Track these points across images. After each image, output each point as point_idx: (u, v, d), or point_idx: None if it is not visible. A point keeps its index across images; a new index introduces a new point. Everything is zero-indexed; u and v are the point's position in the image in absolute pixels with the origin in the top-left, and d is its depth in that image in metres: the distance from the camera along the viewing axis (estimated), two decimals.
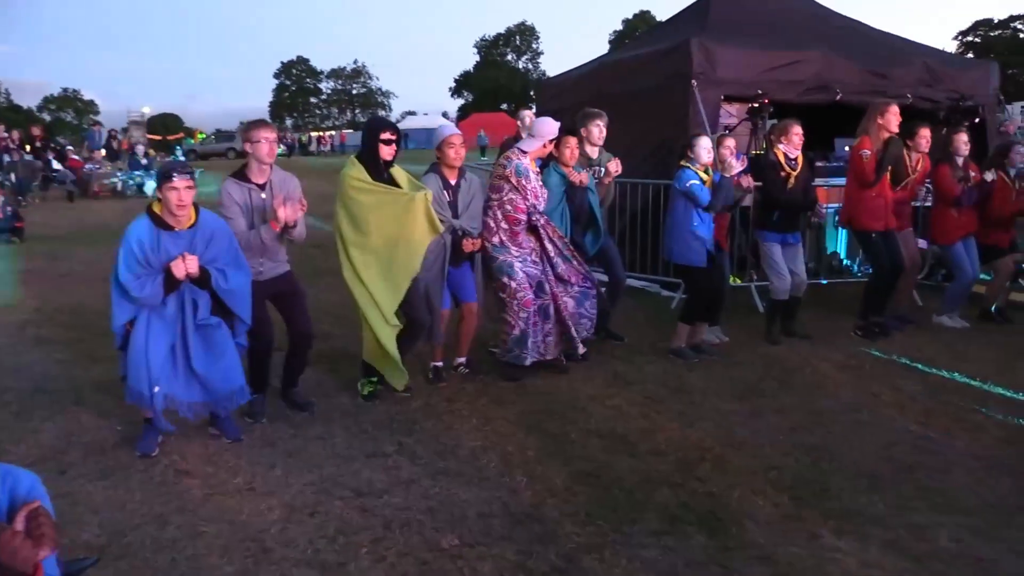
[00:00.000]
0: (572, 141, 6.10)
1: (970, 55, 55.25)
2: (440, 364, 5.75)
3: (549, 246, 5.72)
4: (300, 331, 5.09)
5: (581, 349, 5.89)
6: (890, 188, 6.60)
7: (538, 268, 5.70)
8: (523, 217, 5.61)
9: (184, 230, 4.38)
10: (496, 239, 5.63)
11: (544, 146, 5.76)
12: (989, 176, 6.89)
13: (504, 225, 5.63)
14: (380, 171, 5.14)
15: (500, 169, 5.71)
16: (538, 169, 5.83)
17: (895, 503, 3.87)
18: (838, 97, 8.74)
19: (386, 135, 5.13)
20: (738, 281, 8.20)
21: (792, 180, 6.39)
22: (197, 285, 4.39)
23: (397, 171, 5.26)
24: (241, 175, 4.90)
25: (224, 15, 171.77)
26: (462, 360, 5.87)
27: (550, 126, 5.77)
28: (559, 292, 5.75)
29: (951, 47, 64.03)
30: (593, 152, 6.45)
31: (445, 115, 75.11)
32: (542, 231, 5.69)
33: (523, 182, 5.59)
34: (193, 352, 4.44)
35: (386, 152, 5.13)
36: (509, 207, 5.60)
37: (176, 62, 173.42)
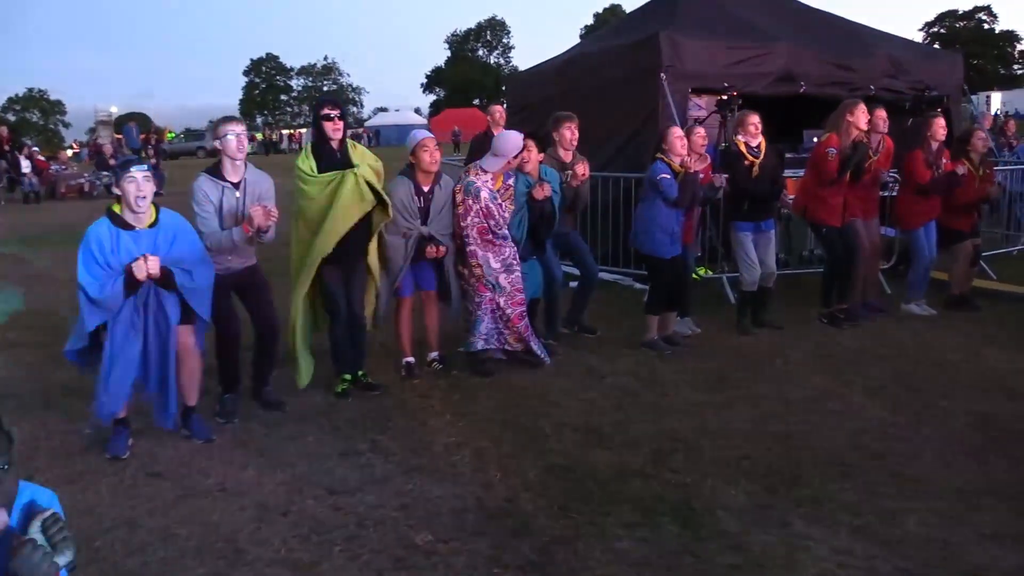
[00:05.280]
0: (528, 143, 5.89)
1: (936, 46, 55.91)
2: (412, 360, 5.74)
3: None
4: (265, 322, 5.08)
5: (546, 361, 5.86)
6: (850, 183, 6.67)
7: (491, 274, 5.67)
8: (457, 231, 5.62)
9: (145, 229, 4.34)
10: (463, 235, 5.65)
11: (508, 163, 5.63)
12: (960, 169, 6.95)
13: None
14: (331, 155, 5.06)
15: (458, 182, 5.69)
16: (509, 183, 5.73)
17: (865, 490, 3.91)
18: (802, 89, 8.82)
19: (326, 110, 5.04)
20: (710, 273, 8.24)
21: (756, 168, 6.44)
22: (160, 286, 4.34)
23: (360, 153, 5.16)
24: (216, 172, 4.85)
25: (187, 11, 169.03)
26: (435, 355, 5.85)
27: (512, 143, 5.63)
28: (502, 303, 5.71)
29: (917, 38, 64.71)
30: (566, 156, 6.40)
31: (417, 111, 74.89)
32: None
33: (469, 202, 5.56)
34: (151, 358, 4.43)
35: (330, 128, 5.02)
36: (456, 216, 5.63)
37: (135, 59, 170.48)
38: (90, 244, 4.25)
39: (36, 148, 25.28)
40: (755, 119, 6.51)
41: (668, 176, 5.94)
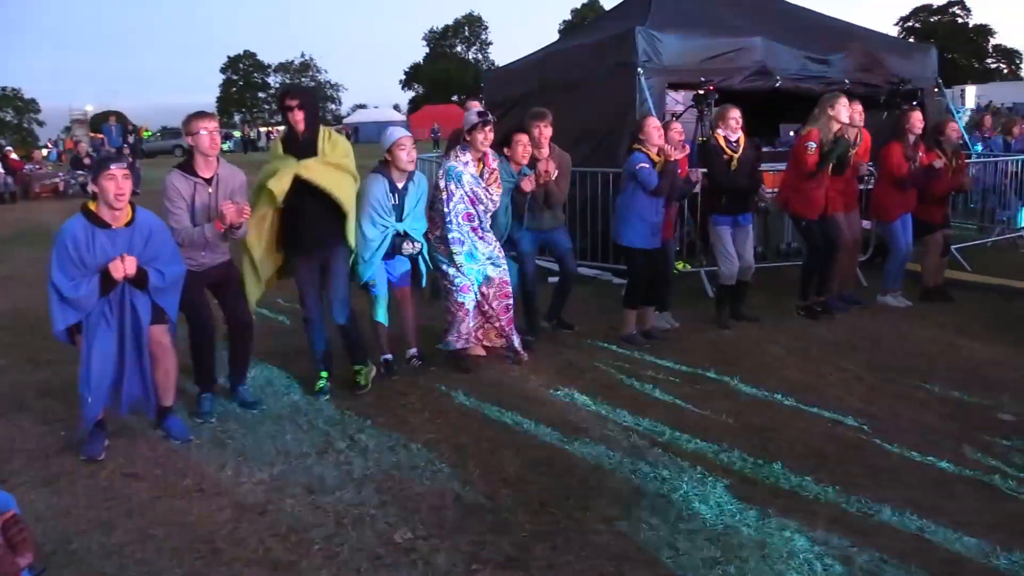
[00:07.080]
0: (524, 139, 5.98)
1: (911, 40, 56.38)
2: (391, 357, 5.72)
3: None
4: (238, 319, 5.04)
5: (524, 356, 5.87)
6: (832, 177, 6.71)
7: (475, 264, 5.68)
8: (440, 221, 5.61)
9: (121, 228, 4.29)
10: (438, 232, 5.65)
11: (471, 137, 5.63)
12: (938, 163, 7.01)
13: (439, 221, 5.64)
14: (297, 143, 4.96)
15: (440, 168, 5.69)
16: (494, 166, 5.73)
17: (841, 481, 3.94)
18: (778, 83, 8.87)
19: (286, 102, 4.97)
20: (688, 267, 8.28)
21: (735, 163, 6.47)
22: (134, 286, 4.30)
23: (332, 144, 5.02)
24: (187, 168, 4.81)
25: (161, 9, 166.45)
26: (413, 352, 5.84)
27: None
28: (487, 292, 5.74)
29: (892, 33, 65.22)
30: (538, 154, 6.38)
31: (396, 108, 74.64)
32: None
33: (451, 187, 5.54)
34: (128, 357, 4.38)
35: (294, 119, 4.92)
36: (439, 206, 5.61)
37: (108, 57, 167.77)
38: (65, 242, 4.18)
39: (10, 148, 24.94)
40: (735, 113, 6.53)
41: (647, 165, 5.96)
